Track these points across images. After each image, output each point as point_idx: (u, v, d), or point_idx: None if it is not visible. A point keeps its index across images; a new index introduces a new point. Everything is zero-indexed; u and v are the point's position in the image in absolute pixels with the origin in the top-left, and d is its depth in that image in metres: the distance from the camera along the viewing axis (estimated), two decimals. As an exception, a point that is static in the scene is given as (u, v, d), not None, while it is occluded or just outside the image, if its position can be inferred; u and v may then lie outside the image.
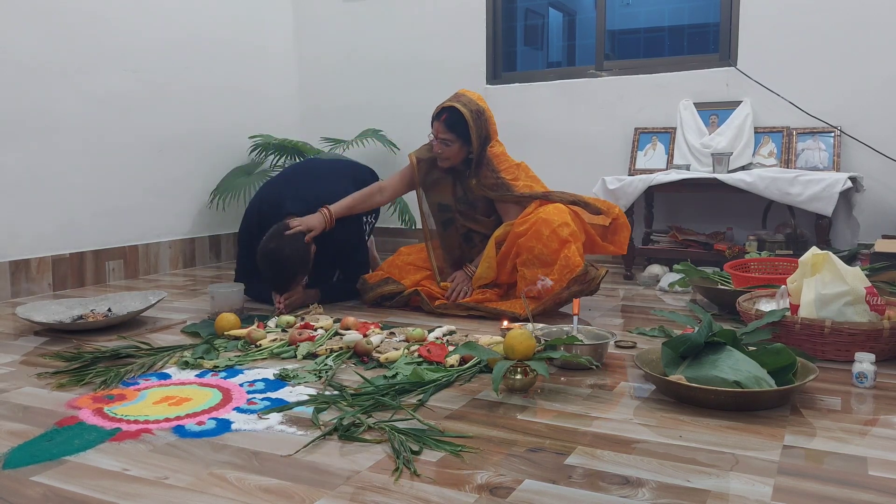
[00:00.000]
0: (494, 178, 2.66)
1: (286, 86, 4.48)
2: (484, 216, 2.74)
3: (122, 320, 2.40)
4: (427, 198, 2.80)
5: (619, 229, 2.64)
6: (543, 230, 2.44)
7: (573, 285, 2.40)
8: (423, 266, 2.79)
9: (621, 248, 2.65)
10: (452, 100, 2.63)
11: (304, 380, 1.77)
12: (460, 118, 2.58)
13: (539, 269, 2.43)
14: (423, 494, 1.16)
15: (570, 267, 2.40)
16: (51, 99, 3.08)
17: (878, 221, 3.22)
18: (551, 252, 2.43)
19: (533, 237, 2.46)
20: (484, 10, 4.04)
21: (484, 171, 2.66)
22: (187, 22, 3.73)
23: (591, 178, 3.50)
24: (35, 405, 1.63)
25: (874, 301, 1.91)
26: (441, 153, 2.65)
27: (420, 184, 2.78)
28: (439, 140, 2.63)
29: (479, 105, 2.64)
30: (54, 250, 3.12)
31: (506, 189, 2.65)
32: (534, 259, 2.46)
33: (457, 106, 2.60)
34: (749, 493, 1.15)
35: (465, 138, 2.61)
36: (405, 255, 2.85)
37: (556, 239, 2.43)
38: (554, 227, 2.44)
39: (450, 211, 2.77)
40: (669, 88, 3.64)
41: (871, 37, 3.23)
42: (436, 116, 2.64)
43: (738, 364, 1.56)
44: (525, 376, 1.67)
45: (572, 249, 2.42)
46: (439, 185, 2.77)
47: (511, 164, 2.72)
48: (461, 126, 2.59)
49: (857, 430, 1.43)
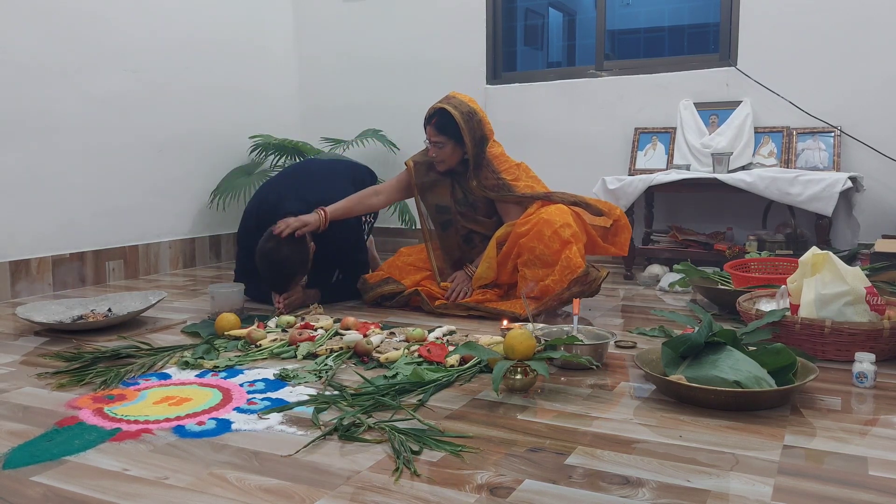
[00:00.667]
0: (495, 178, 2.65)
1: (286, 86, 4.48)
2: (485, 217, 2.74)
3: (122, 320, 2.40)
4: (424, 200, 2.79)
5: (620, 231, 2.64)
6: (545, 230, 2.44)
7: (574, 286, 2.40)
8: (423, 266, 2.79)
9: (622, 249, 2.66)
10: (442, 102, 2.63)
11: (305, 380, 1.77)
12: (450, 119, 2.57)
13: (540, 269, 2.44)
14: (423, 494, 1.16)
15: (572, 268, 2.40)
16: (51, 99, 3.08)
17: (878, 221, 3.22)
18: (553, 252, 2.43)
19: (535, 237, 2.46)
20: (484, 10, 4.04)
21: (484, 173, 2.66)
22: (187, 22, 3.73)
23: (591, 178, 3.50)
24: (35, 405, 1.63)
25: (874, 301, 1.91)
26: (436, 156, 2.65)
27: (416, 186, 2.77)
28: (432, 143, 2.63)
29: (471, 107, 2.62)
30: (54, 250, 3.12)
31: (507, 190, 2.64)
32: (535, 259, 2.45)
33: (446, 108, 2.59)
34: (749, 493, 1.15)
35: (457, 139, 2.60)
36: (405, 255, 2.85)
37: (557, 239, 2.43)
38: (556, 227, 2.43)
39: (448, 213, 2.77)
40: (669, 88, 3.64)
41: (871, 37, 3.23)
42: (426, 120, 2.64)
43: (739, 364, 1.56)
44: (525, 376, 1.67)
45: (574, 250, 2.42)
46: (436, 187, 2.77)
47: (511, 165, 2.72)
48: (452, 127, 2.58)
49: (857, 430, 1.43)
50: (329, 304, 2.74)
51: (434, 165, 2.72)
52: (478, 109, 2.64)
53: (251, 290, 2.77)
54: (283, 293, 2.57)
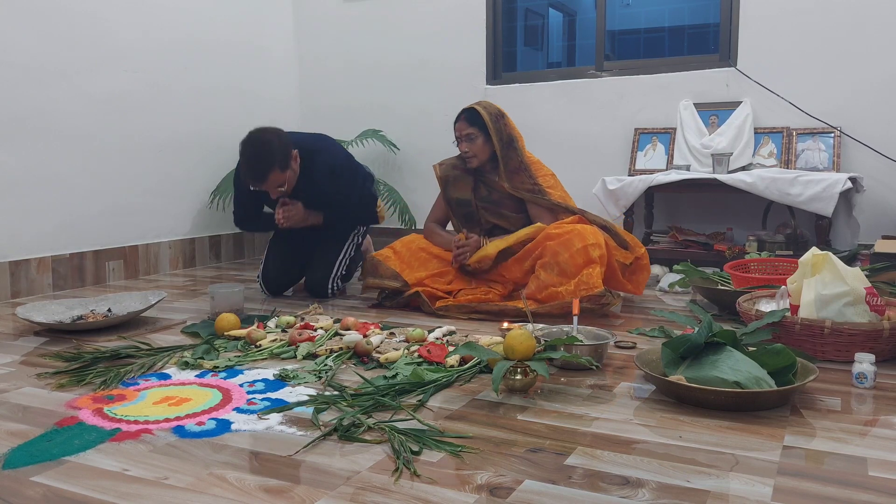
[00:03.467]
0: (531, 183, 2.71)
1: (286, 86, 4.48)
2: (511, 212, 2.76)
3: (122, 320, 2.40)
4: (446, 195, 2.86)
5: (639, 270, 2.66)
6: (576, 242, 2.45)
7: (584, 301, 2.38)
8: (435, 255, 2.78)
9: (638, 288, 2.67)
10: (472, 104, 2.74)
11: (304, 380, 1.77)
12: (478, 115, 2.68)
13: (556, 276, 2.44)
14: (423, 495, 1.16)
15: (589, 285, 2.38)
16: (51, 99, 3.08)
17: (878, 222, 3.22)
18: (575, 265, 2.43)
19: (563, 244, 2.46)
20: (484, 10, 4.04)
21: (521, 177, 2.71)
22: (187, 22, 3.73)
23: (591, 178, 3.50)
24: (35, 405, 1.63)
25: (874, 301, 1.91)
26: (468, 151, 2.71)
27: (440, 178, 2.86)
28: (464, 137, 2.70)
29: (499, 110, 2.74)
30: (54, 250, 3.12)
31: (542, 194, 2.69)
32: (555, 265, 2.45)
33: (475, 107, 2.71)
34: (749, 494, 1.15)
35: (487, 133, 2.68)
36: (419, 240, 2.85)
37: (584, 255, 2.43)
38: (587, 243, 2.44)
39: (469, 206, 2.80)
40: (669, 89, 3.64)
41: (871, 37, 3.23)
42: (456, 119, 2.73)
43: (738, 364, 1.56)
44: (525, 376, 1.67)
45: (597, 271, 2.41)
46: (459, 182, 2.82)
47: (548, 173, 2.77)
48: (481, 121, 2.67)
49: (856, 430, 1.43)
50: (332, 228, 2.87)
51: (459, 165, 2.81)
52: (507, 115, 2.74)
53: (250, 226, 2.94)
54: (266, 186, 2.63)
